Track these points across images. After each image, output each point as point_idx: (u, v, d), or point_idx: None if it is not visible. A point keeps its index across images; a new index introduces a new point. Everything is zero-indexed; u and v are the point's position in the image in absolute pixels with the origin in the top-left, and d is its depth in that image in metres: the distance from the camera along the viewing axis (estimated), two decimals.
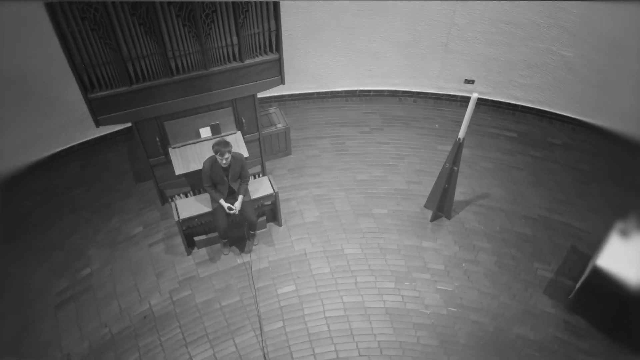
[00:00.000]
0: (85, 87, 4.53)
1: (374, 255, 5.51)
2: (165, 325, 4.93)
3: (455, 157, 5.17)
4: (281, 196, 6.08)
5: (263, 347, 4.77)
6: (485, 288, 5.21)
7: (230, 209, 5.00)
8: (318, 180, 6.32)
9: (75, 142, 6.63)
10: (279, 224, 5.78)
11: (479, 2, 6.20)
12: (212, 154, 4.76)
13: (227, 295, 5.16)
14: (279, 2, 4.69)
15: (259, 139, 5.83)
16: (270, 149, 6.42)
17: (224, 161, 4.72)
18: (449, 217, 5.86)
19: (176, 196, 5.78)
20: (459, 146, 5.06)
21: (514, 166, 6.47)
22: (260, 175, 6.04)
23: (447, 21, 6.51)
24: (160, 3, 4.26)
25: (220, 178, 4.92)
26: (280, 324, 4.94)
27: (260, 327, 4.90)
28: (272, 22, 4.83)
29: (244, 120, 5.52)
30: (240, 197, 5.06)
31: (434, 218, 5.85)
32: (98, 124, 4.80)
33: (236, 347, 4.78)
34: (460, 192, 6.14)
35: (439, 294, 5.18)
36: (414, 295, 5.17)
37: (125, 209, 5.99)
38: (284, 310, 5.04)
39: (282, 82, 5.33)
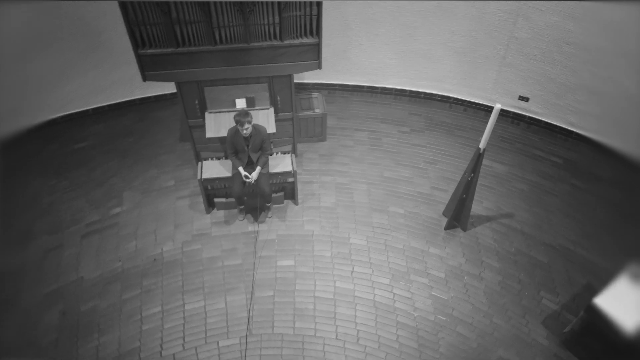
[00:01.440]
0: (137, 43, 5.03)
1: (377, 250, 5.57)
2: (170, 271, 5.37)
3: (474, 167, 5.08)
4: (304, 178, 6.31)
5: (249, 310, 5.04)
6: (481, 305, 5.10)
7: (246, 177, 5.31)
8: (345, 170, 6.46)
9: (136, 97, 7.28)
10: (296, 203, 6.01)
11: (542, 17, 5.97)
12: None
13: (230, 257, 5.49)
14: None
15: (292, 119, 6.08)
16: (305, 131, 6.65)
17: (245, 131, 5.03)
18: (464, 229, 5.76)
19: (209, 158, 6.19)
20: (478, 156, 4.97)
21: (550, 192, 6.18)
22: (289, 154, 6.28)
23: (506, 33, 6.33)
24: None
25: (241, 147, 5.25)
26: (271, 293, 5.19)
27: (252, 291, 5.18)
28: (314, 7, 5.03)
29: (278, 99, 5.79)
30: (258, 168, 5.35)
31: (449, 227, 5.78)
32: (145, 78, 5.30)
33: (226, 304, 5.10)
34: (484, 207, 6.00)
35: (431, 300, 5.15)
36: (406, 295, 5.18)
37: (164, 162, 6.52)
38: (278, 281, 5.28)
39: (319, 66, 5.52)
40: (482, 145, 4.87)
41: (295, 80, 7.30)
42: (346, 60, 7.21)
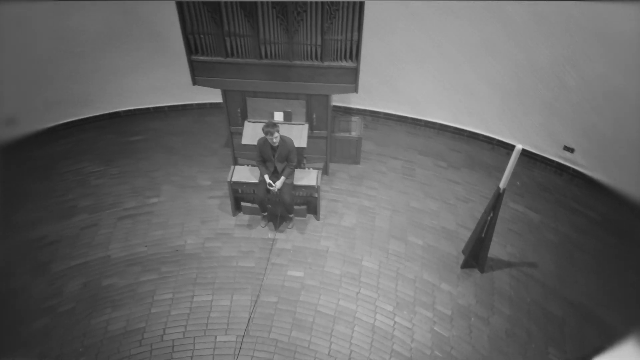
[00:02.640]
0: (190, 50, 5.51)
1: (388, 277, 5.57)
2: (187, 263, 5.68)
3: (494, 206, 5.01)
4: (330, 196, 6.47)
5: (252, 311, 5.22)
6: (483, 349, 4.93)
7: (270, 185, 5.57)
8: (372, 194, 6.54)
9: (194, 102, 7.84)
10: (317, 218, 6.16)
11: (593, 66, 5.82)
12: None
13: (245, 259, 5.73)
14: (363, 16, 5.11)
15: (326, 137, 6.30)
16: (340, 152, 6.83)
17: (274, 140, 5.31)
18: (481, 270, 5.63)
19: (245, 165, 6.53)
20: (498, 196, 4.90)
21: (581, 247, 5.89)
22: (317, 170, 6.48)
23: (555, 79, 6.21)
24: None
25: (268, 156, 5.53)
26: (275, 299, 5.34)
27: (258, 295, 5.36)
28: (355, 33, 5.27)
29: (314, 116, 6.04)
30: (282, 178, 5.59)
31: (466, 265, 5.67)
32: (194, 82, 5.78)
33: (231, 302, 5.31)
34: (507, 252, 5.84)
35: (432, 334, 5.06)
36: (406, 325, 5.13)
37: (205, 163, 6.95)
38: (284, 289, 5.43)
39: (356, 90, 5.73)
40: (502, 184, 4.80)
41: (341, 104, 7.60)
42: (393, 90, 7.35)
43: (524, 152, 7.07)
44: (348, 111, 7.70)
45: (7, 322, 5.08)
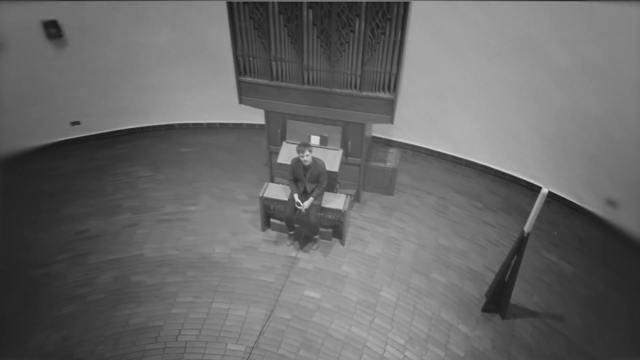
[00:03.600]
0: (239, 71, 5.89)
1: (404, 310, 5.51)
2: (212, 271, 5.92)
3: (517, 250, 4.89)
4: (359, 223, 6.54)
5: (264, 325, 5.33)
6: None
7: (298, 204, 5.74)
8: (401, 226, 6.55)
9: (244, 121, 8.25)
10: (342, 243, 6.24)
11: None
12: None
13: (266, 273, 5.88)
14: (402, 51, 5.28)
15: (360, 165, 6.42)
16: (374, 182, 6.91)
17: (305, 159, 5.51)
18: (503, 316, 5.44)
19: (279, 183, 6.76)
20: (522, 240, 4.79)
21: (612, 305, 5.55)
22: (350, 197, 6.58)
23: (600, 129, 6.03)
24: (307, 23, 5.32)
25: (300, 176, 5.73)
26: (289, 316, 5.42)
27: (273, 309, 5.47)
28: (395, 66, 5.43)
29: (349, 143, 6.20)
30: (310, 198, 5.76)
31: (486, 309, 5.50)
32: (240, 101, 6.14)
33: (246, 313, 5.46)
34: (533, 302, 5.62)
35: None
36: None
37: (244, 179, 7.26)
38: (299, 308, 5.51)
39: (391, 121, 5.85)
40: (526, 228, 4.69)
41: (382, 136, 7.72)
42: (435, 126, 7.40)
43: (565, 202, 6.84)
44: (389, 143, 7.80)
45: (40, 304, 5.50)
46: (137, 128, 8.18)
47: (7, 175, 7.19)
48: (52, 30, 6.68)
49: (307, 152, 5.49)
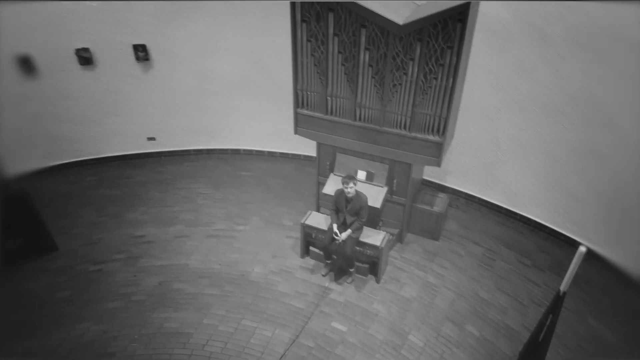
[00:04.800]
0: (298, 103, 6.24)
1: (430, 357, 5.36)
2: (247, 289, 6.14)
3: (553, 309, 4.63)
4: (398, 264, 6.51)
5: (286, 349, 5.41)
6: None
7: (336, 234, 5.86)
8: (441, 273, 6.42)
9: (302, 153, 8.58)
10: (377, 281, 6.23)
11: None
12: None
13: (298, 299, 6.00)
14: (453, 97, 5.35)
15: (405, 205, 6.45)
16: (420, 224, 6.87)
17: (349, 190, 5.66)
18: None
19: (323, 213, 6.93)
20: (557, 299, 4.54)
21: None
22: (392, 236, 6.59)
23: None
24: (363, 64, 5.58)
25: (341, 207, 5.87)
26: (312, 344, 5.47)
27: (298, 335, 5.55)
28: (445, 110, 5.51)
29: (395, 181, 6.28)
30: (348, 230, 5.86)
31: None
32: (296, 131, 6.47)
33: (272, 334, 5.58)
34: None
35: None
36: None
37: (293, 206, 7.52)
38: (323, 338, 5.54)
39: (438, 164, 5.86)
40: (563, 287, 4.46)
41: (436, 180, 7.71)
42: (490, 177, 7.27)
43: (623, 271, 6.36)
44: (442, 189, 7.74)
45: (88, 297, 5.99)
46: (206, 149, 8.78)
47: (84, 178, 8.01)
48: (141, 53, 7.49)
49: (351, 185, 5.64)
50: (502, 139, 6.85)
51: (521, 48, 6.05)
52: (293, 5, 5.50)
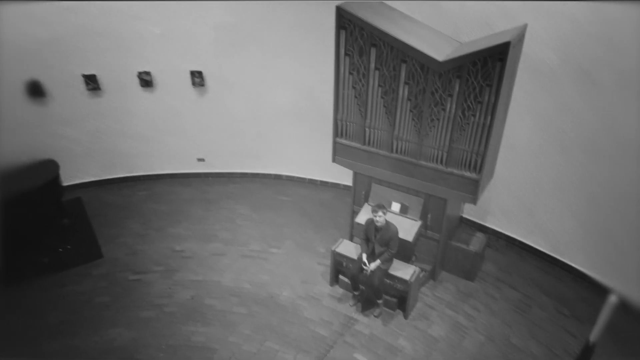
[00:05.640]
0: (337, 133, 6.40)
1: None
2: (274, 311, 6.23)
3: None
4: (428, 301, 6.39)
5: None
6: None
7: (364, 264, 5.86)
8: (473, 314, 6.23)
9: (342, 182, 8.67)
10: (405, 316, 6.13)
11: None
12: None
13: (323, 327, 6.00)
14: (490, 134, 5.32)
15: (439, 241, 6.36)
16: (454, 263, 6.72)
17: (378, 218, 5.68)
18: None
19: (354, 242, 6.94)
20: (586, 349, 4.31)
21: None
22: (425, 272, 6.49)
23: None
24: (402, 98, 5.68)
25: (370, 236, 5.89)
26: None
27: None
28: (482, 147, 5.47)
29: (429, 216, 6.23)
30: (377, 261, 5.84)
31: None
32: (334, 160, 6.61)
33: (293, 359, 5.60)
34: None
35: None
36: None
37: (328, 233, 7.58)
38: None
39: (474, 202, 5.79)
40: (592, 337, 4.24)
41: (476, 220, 7.57)
42: (532, 220, 7.04)
43: None
44: (482, 229, 7.54)
45: (124, 304, 6.28)
46: (251, 173, 9.08)
47: (136, 192, 8.49)
48: (197, 79, 7.96)
49: (380, 214, 5.67)
50: (544, 181, 6.65)
51: (567, 90, 5.93)
52: (338, 39, 5.72)
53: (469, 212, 7.59)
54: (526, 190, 6.83)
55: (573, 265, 6.85)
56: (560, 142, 6.26)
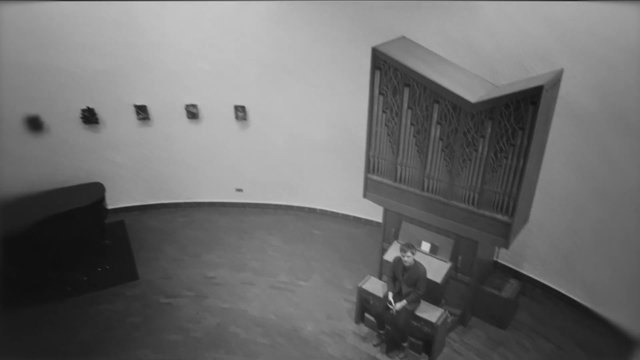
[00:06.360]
0: (369, 169, 6.48)
1: None
2: (297, 344, 6.21)
3: None
4: (456, 347, 6.19)
5: None
6: None
7: (390, 303, 5.78)
8: None
9: (373, 218, 8.65)
10: None
11: None
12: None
13: None
14: (523, 178, 5.23)
15: (470, 285, 6.20)
16: (486, 309, 6.50)
17: (406, 258, 5.63)
18: None
19: (381, 280, 6.86)
20: None
21: None
22: (454, 317, 6.31)
23: None
24: (434, 137, 5.72)
25: (398, 275, 5.83)
26: None
27: None
28: (514, 190, 5.37)
29: (460, 258, 6.11)
30: (403, 301, 5.75)
31: None
32: (365, 195, 6.66)
33: None
34: None
35: None
36: None
37: (357, 270, 7.53)
38: None
39: (506, 246, 5.64)
40: None
41: (512, 266, 7.36)
42: (569, 268, 6.75)
43: None
44: (517, 276, 7.29)
45: (154, 326, 6.45)
46: (285, 205, 9.25)
47: (176, 218, 8.81)
48: (241, 113, 8.32)
49: (408, 253, 5.62)
50: (582, 229, 6.40)
51: (606, 137, 5.78)
52: (372, 79, 5.88)
53: (504, 257, 7.37)
54: (563, 238, 6.59)
55: (611, 319, 6.46)
56: (599, 190, 6.05)
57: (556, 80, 5.30)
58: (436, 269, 6.04)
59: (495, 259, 7.14)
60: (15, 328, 6.36)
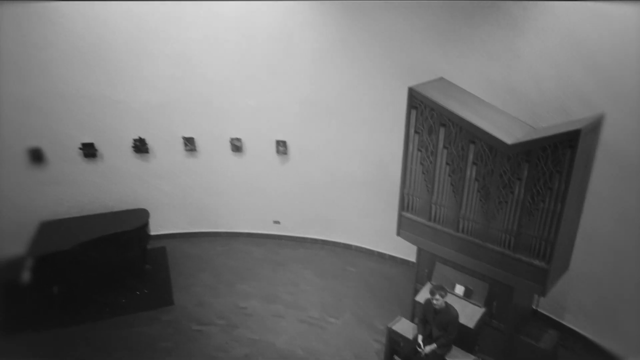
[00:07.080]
0: (403, 206, 6.47)
1: None
2: None
3: None
4: None
5: None
6: None
7: (419, 346, 5.64)
8: None
9: (410, 258, 8.50)
10: None
11: None
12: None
13: None
14: (561, 222, 5.08)
15: (504, 333, 5.96)
16: (521, 359, 6.20)
17: (435, 301, 5.51)
18: None
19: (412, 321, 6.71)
20: None
21: None
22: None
23: None
24: (470, 177, 5.67)
25: (429, 317, 5.69)
26: None
27: None
28: (552, 235, 5.21)
29: (494, 304, 5.91)
30: (433, 345, 5.59)
31: None
32: (398, 233, 6.63)
33: None
34: None
35: None
36: None
37: (389, 310, 7.39)
38: None
39: (543, 294, 5.43)
40: None
41: (554, 317, 7.02)
42: (613, 323, 6.34)
43: None
44: (557, 327, 6.92)
45: (184, 352, 6.56)
46: (321, 239, 9.29)
47: (215, 247, 9.03)
48: (282, 147, 8.57)
49: (437, 296, 5.50)
50: (627, 279, 6.05)
51: None
52: (408, 118, 5.96)
53: (545, 306, 7.04)
54: (607, 289, 6.25)
55: None
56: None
57: (596, 125, 5.19)
58: (469, 314, 5.87)
59: (534, 307, 6.83)
60: (52, 345, 6.62)
